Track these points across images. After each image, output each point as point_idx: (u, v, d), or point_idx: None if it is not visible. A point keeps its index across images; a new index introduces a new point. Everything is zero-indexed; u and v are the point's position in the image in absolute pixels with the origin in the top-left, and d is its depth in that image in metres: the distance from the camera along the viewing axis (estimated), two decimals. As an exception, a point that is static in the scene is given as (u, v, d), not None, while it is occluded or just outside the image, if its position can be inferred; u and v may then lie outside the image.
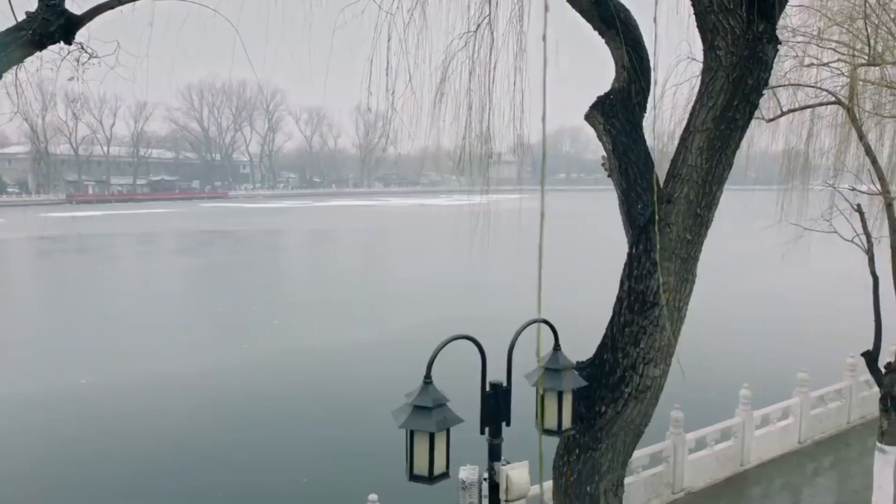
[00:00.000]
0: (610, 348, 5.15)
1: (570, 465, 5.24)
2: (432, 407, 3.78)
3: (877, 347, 8.92)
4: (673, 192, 4.91)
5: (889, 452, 8.90)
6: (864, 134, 9.28)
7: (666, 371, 5.13)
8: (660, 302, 4.98)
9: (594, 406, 5.13)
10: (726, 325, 25.88)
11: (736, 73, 4.59)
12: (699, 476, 10.36)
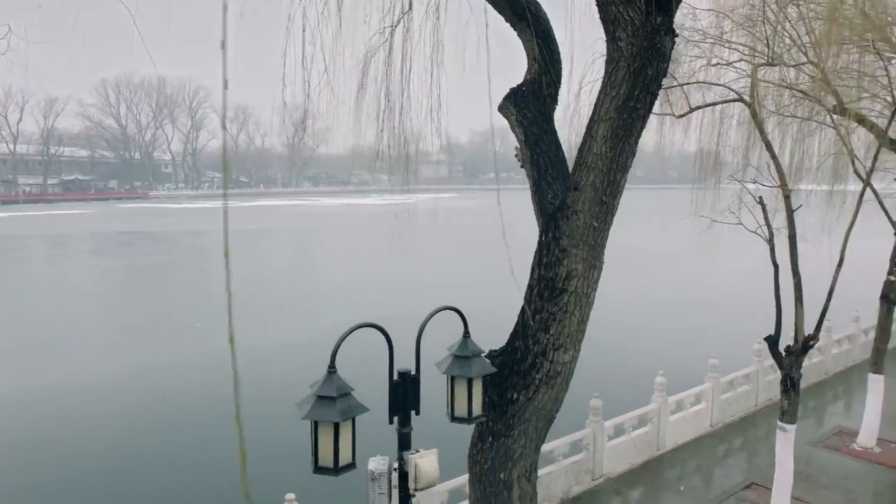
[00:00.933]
0: (521, 335, 5.21)
1: (483, 453, 5.27)
2: (336, 396, 3.70)
3: (777, 332, 9.41)
4: (579, 180, 5.01)
5: (789, 430, 9.42)
6: (765, 131, 9.78)
7: (576, 357, 5.23)
8: (569, 288, 5.06)
9: (506, 393, 5.17)
10: (643, 315, 26.93)
11: (636, 64, 4.71)
12: (618, 462, 10.66)
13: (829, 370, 15.88)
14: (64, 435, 14.67)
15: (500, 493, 5.24)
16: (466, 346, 4.50)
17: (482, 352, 4.62)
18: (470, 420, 4.55)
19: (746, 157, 11.88)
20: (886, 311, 11.68)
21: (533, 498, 5.42)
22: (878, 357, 11.83)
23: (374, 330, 4.24)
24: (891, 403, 14.09)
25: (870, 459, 11.38)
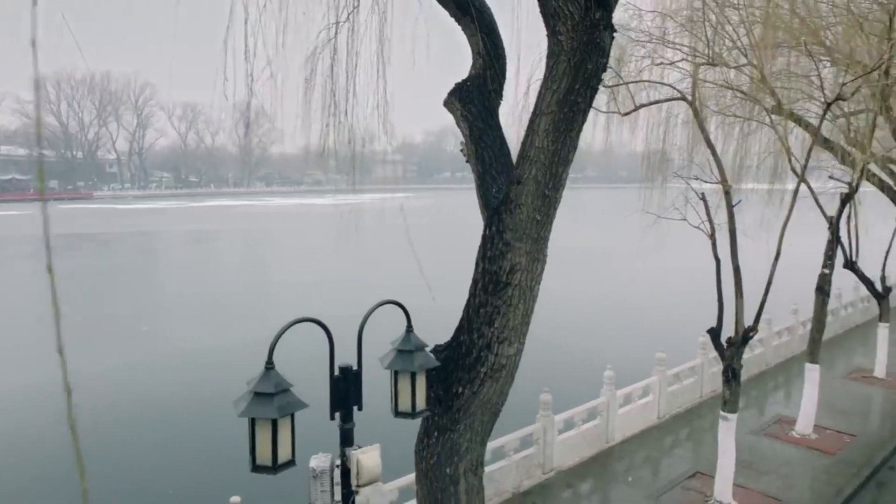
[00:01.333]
0: (466, 329, 5.20)
1: (429, 449, 5.24)
2: (274, 393, 3.62)
3: (719, 324, 9.68)
4: (522, 174, 5.03)
5: (730, 419, 9.70)
6: (706, 129, 10.05)
7: (520, 350, 5.25)
8: (513, 282, 5.08)
9: (451, 387, 5.15)
10: (592, 312, 27.49)
11: (577, 58, 4.76)
12: (568, 455, 10.79)
13: (770, 361, 16.45)
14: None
15: (447, 488, 5.23)
16: (409, 340, 4.47)
17: (425, 346, 4.59)
18: (414, 415, 4.52)
19: (690, 155, 12.20)
20: (821, 303, 12.16)
21: (480, 491, 5.43)
22: (814, 347, 12.31)
23: (321, 328, 4.17)
24: (826, 392, 14.70)
25: (807, 446, 11.83)
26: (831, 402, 14.30)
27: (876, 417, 13.39)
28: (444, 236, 40.77)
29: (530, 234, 5.04)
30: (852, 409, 13.84)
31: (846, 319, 20.39)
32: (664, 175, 12.39)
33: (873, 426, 12.85)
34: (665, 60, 11.10)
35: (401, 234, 5.84)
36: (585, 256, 42.27)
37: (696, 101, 9.80)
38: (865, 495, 10.39)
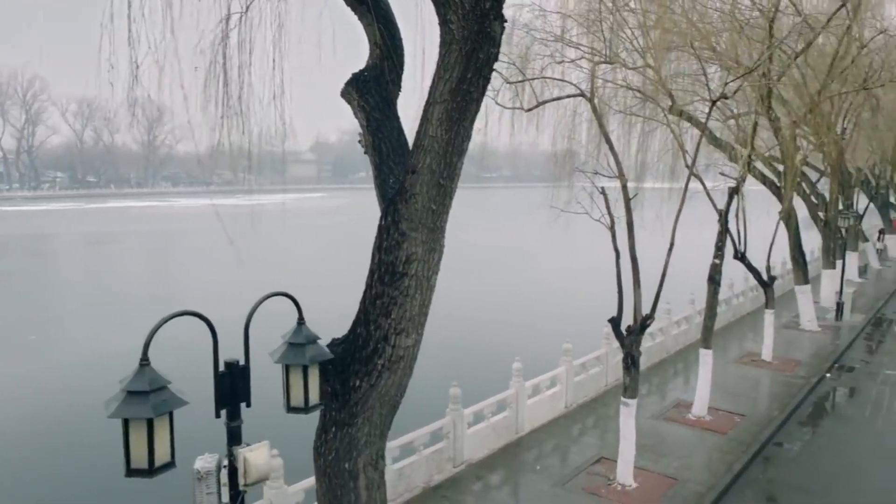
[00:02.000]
0: (363, 321, 5.12)
1: (327, 444, 5.13)
2: (150, 391, 3.41)
3: (619, 314, 10.03)
4: (417, 164, 5.00)
5: (630, 405, 10.08)
6: (605, 124, 10.39)
7: (418, 341, 5.21)
8: (409, 272, 5.04)
9: (348, 381, 5.06)
10: (502, 307, 28.05)
11: (468, 47, 4.77)
12: (479, 448, 10.89)
13: (670, 349, 17.26)
14: None
15: (346, 484, 5.13)
16: (300, 332, 4.34)
17: (318, 338, 4.48)
18: (307, 409, 4.39)
19: (594, 152, 12.56)
20: (713, 292, 12.85)
21: (381, 486, 5.35)
22: (707, 334, 13.01)
23: (205, 323, 3.97)
24: (720, 376, 15.57)
25: (702, 427, 12.48)
26: (724, 385, 15.16)
27: (763, 398, 14.31)
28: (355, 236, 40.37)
29: (426, 223, 5.03)
30: (742, 391, 14.74)
31: (738, 308, 21.71)
32: (570, 172, 12.74)
33: (761, 406, 13.73)
34: (566, 59, 11.40)
35: (312, 233, 5.74)
36: (497, 254, 43.13)
37: (595, 98, 10.11)
38: (753, 469, 11.07)
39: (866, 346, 19.36)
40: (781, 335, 19.44)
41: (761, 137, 20.53)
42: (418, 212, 4.98)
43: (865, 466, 11.32)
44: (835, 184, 22.97)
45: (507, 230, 52.28)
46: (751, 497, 10.21)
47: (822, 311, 22.18)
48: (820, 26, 16.23)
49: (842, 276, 22.09)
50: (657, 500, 9.62)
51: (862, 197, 33.17)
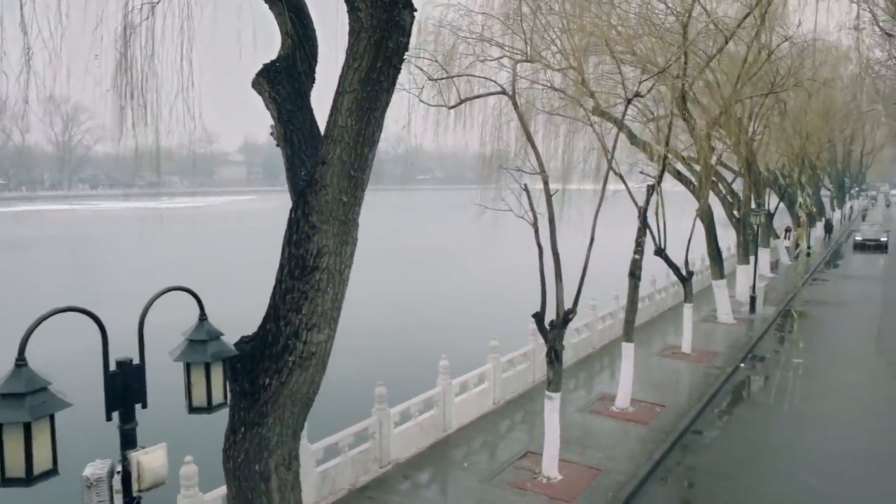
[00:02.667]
0: (273, 318, 4.97)
1: (236, 446, 4.94)
2: (26, 393, 3.16)
3: (543, 308, 10.17)
4: (327, 154, 4.89)
5: (554, 398, 10.24)
6: (527, 122, 10.52)
7: (331, 336, 5.10)
8: (321, 265, 4.92)
9: (258, 379, 4.89)
10: (429, 307, 28.17)
11: (377, 36, 4.70)
12: (406, 447, 10.81)
13: (595, 344, 17.67)
14: None
15: (258, 486, 4.96)
16: (202, 328, 4.15)
17: (220, 334, 4.29)
18: (210, 409, 4.20)
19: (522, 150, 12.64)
20: (634, 287, 13.23)
21: (295, 487, 5.20)
22: (629, 328, 13.38)
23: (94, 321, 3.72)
24: (643, 369, 16.05)
25: (625, 419, 12.82)
26: (647, 377, 15.64)
27: (683, 389, 14.84)
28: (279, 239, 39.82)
29: (337, 215, 4.92)
30: (663, 382, 15.25)
31: (660, 303, 22.48)
32: (495, 169, 12.84)
33: (680, 396, 14.23)
34: (490, 58, 11.50)
35: (236, 236, 5.51)
36: (425, 255, 43.31)
37: (518, 96, 10.22)
38: (673, 457, 11.45)
39: (777, 337, 20.43)
40: (700, 328, 20.26)
41: (680, 139, 21.40)
42: (329, 203, 4.87)
43: (776, 449, 11.90)
44: (747, 183, 24.15)
45: (437, 231, 52.52)
46: (670, 483, 10.55)
47: (738, 305, 23.27)
48: (730, 32, 17.02)
49: (754, 271, 23.22)
50: (581, 491, 9.80)
51: (774, 196, 35.08)
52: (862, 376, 16.37)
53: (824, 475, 10.78)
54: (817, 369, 16.89)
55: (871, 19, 22.38)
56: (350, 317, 23.47)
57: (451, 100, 10.91)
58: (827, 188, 62.22)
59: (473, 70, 11.79)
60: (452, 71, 11.49)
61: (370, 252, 38.83)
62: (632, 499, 9.86)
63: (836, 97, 32.93)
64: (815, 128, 32.21)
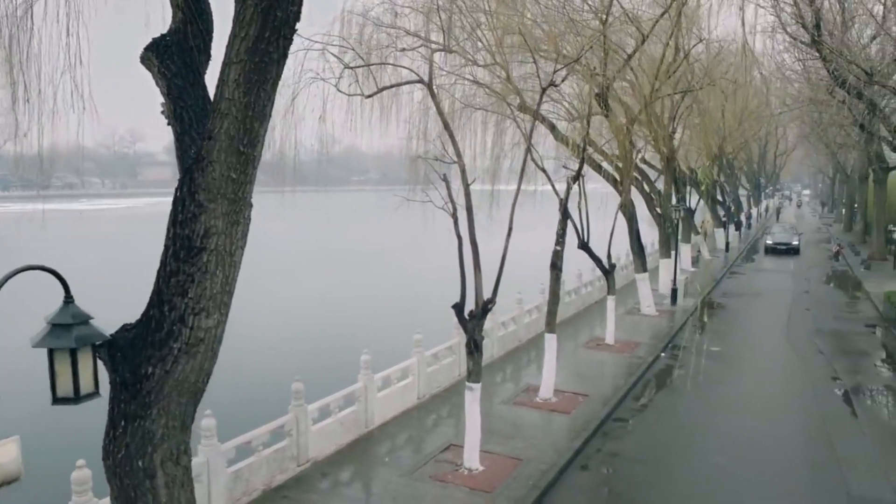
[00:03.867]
0: (156, 303, 4.64)
1: (116, 441, 4.59)
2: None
3: (462, 299, 10.10)
4: (213, 128, 4.62)
5: (475, 389, 10.19)
6: (448, 116, 10.44)
7: (222, 322, 4.82)
8: (208, 247, 4.64)
9: (140, 368, 4.56)
10: (353, 303, 27.91)
11: (264, 3, 4.47)
12: (325, 444, 10.53)
13: (522, 338, 17.81)
14: None
15: (142, 484, 4.63)
16: (66, 311, 3.82)
17: (89, 317, 3.97)
18: (77, 400, 3.88)
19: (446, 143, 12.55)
20: (555, 278, 13.38)
21: (186, 484, 4.89)
22: (551, 319, 13.52)
23: None
24: (568, 360, 16.29)
25: (548, 409, 12.94)
26: (571, 368, 15.89)
27: (605, 378, 15.11)
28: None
29: (226, 194, 4.66)
30: (587, 373, 15.51)
31: (586, 297, 22.91)
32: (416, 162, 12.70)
33: (602, 386, 14.48)
34: (407, 47, 11.38)
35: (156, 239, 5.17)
36: (351, 256, 42.93)
37: (434, 84, 10.11)
38: (594, 444, 11.61)
39: (696, 327, 21.17)
40: (624, 320, 20.77)
41: (603, 135, 21.91)
42: (216, 181, 4.60)
43: (691, 432, 12.27)
44: (668, 179, 24.96)
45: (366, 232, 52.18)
46: (590, 470, 10.69)
47: (661, 298, 24.00)
48: (647, 31, 17.51)
49: (675, 264, 24.01)
50: (502, 481, 9.78)
51: (695, 194, 36.47)
52: (773, 362, 17.13)
53: (735, 456, 11.17)
54: (732, 356, 17.57)
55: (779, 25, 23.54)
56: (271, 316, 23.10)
57: (368, 89, 10.70)
58: (744, 187, 65.32)
59: (392, 60, 11.65)
60: (371, 59, 11.31)
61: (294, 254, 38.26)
62: (552, 487, 9.93)
63: (750, 100, 34.58)
64: (731, 128, 33.70)
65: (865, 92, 19.92)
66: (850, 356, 17.59)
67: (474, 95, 16.80)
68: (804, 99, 31.66)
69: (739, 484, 10.14)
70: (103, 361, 4.68)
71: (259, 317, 27.01)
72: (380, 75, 11.50)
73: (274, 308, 28.04)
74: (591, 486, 10.13)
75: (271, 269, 40.32)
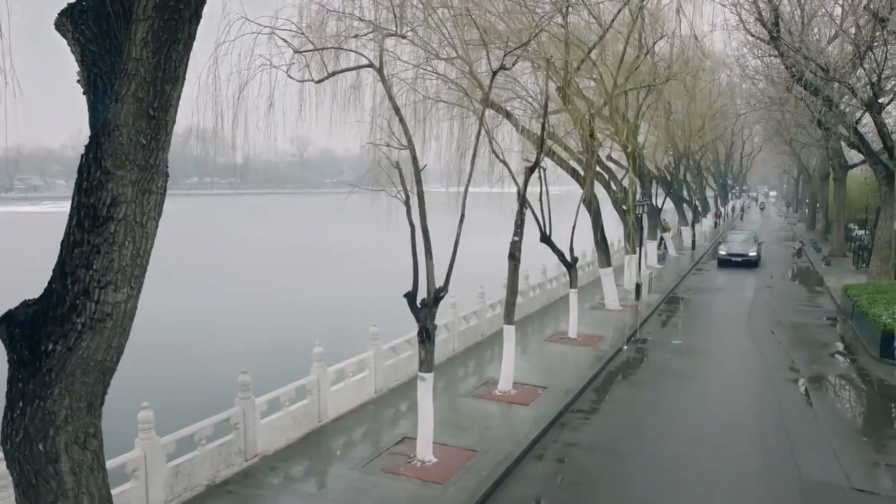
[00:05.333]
0: (59, 276, 4.37)
1: (14, 424, 4.31)
2: None
3: (415, 288, 9.90)
4: (121, 90, 4.37)
5: (427, 379, 10.00)
6: (393, 95, 10.24)
7: (133, 297, 4.55)
8: (115, 216, 4.39)
9: (40, 345, 4.29)
10: (309, 296, 27.61)
11: (174, -43, 4.25)
12: (275, 438, 10.25)
13: (485, 332, 17.67)
14: None
15: (44, 469, 4.35)
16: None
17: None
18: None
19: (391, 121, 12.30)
20: (513, 269, 13.25)
21: (95, 469, 4.61)
22: (509, 309, 13.40)
23: None
24: (530, 354, 16.19)
25: (507, 401, 12.80)
26: (532, 362, 15.81)
27: (566, 371, 15.02)
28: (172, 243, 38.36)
29: (135, 160, 4.41)
30: (547, 366, 15.43)
31: (552, 293, 22.89)
32: (365, 149, 12.47)
33: (563, 378, 14.38)
34: (360, 33, 11.17)
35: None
36: (315, 255, 42.67)
37: (384, 68, 9.91)
38: (551, 435, 11.50)
39: (660, 321, 21.26)
40: (588, 315, 20.78)
41: (567, 131, 21.93)
42: (124, 146, 4.35)
43: (650, 422, 12.23)
44: (633, 176, 25.09)
45: (333, 232, 51.91)
46: (546, 459, 10.55)
47: (626, 293, 24.09)
48: (608, 24, 17.53)
49: (639, 260, 24.11)
50: (455, 472, 9.60)
51: (662, 193, 36.78)
52: (732, 354, 17.25)
53: (691, 443, 11.15)
54: (694, 349, 17.65)
55: (739, 22, 23.81)
56: (228, 312, 22.52)
57: (318, 74, 10.47)
58: (711, 187, 66.26)
59: (345, 47, 11.43)
60: (324, 47, 11.07)
61: (260, 254, 37.48)
62: (506, 477, 9.77)
63: (713, 101, 35.04)
64: (695, 127, 34.08)
65: (822, 88, 20.22)
66: (808, 347, 17.80)
67: (438, 92, 16.69)
68: (766, 98, 32.15)
69: (693, 469, 10.11)
70: (1, 340, 4.40)
71: (215, 313, 26.60)
72: (335, 64, 11.28)
73: (231, 305, 27.64)
74: (546, 476, 10.00)
75: (235, 267, 39.85)
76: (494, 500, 9.18)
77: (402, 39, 10.96)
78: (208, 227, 70.30)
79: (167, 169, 4.74)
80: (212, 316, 26.06)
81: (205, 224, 73.78)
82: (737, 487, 9.58)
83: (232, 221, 79.18)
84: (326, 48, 10.52)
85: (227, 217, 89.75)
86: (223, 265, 41.30)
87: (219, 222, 78.89)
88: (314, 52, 10.26)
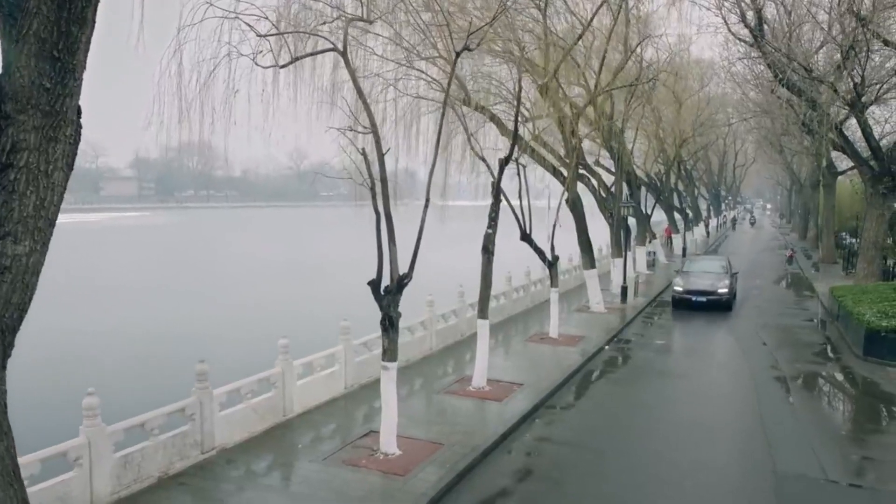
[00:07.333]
0: (-46, 225, 4.13)
1: None
2: None
3: (379, 276, 9.64)
4: (21, 28, 4.15)
5: (390, 368, 9.73)
6: (357, 78, 10.06)
7: (36, 250, 4.30)
8: (17, 163, 4.15)
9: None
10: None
11: None
12: (235, 431, 9.93)
13: (464, 332, 17.36)
14: None
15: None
16: None
17: None
18: None
19: (357, 107, 12.07)
20: (487, 262, 13.00)
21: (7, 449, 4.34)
22: (483, 304, 13.14)
23: None
24: (510, 353, 15.90)
25: (480, 397, 12.50)
26: (510, 360, 15.56)
27: (544, 369, 14.72)
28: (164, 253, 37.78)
29: (38, 105, 4.18)
30: (525, 364, 15.15)
31: (536, 295, 22.62)
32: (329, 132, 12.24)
33: (540, 376, 14.07)
34: (329, 18, 11.01)
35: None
36: (302, 265, 42.48)
37: (348, 52, 9.72)
38: (522, 429, 11.19)
39: (644, 323, 21.00)
40: (572, 317, 20.55)
41: (551, 132, 21.80)
42: (25, 89, 4.12)
43: (625, 419, 11.94)
44: (619, 178, 24.96)
45: (324, 242, 51.85)
46: (515, 453, 10.24)
47: (612, 297, 23.84)
48: (588, 22, 17.43)
49: (624, 263, 23.90)
50: (418, 465, 9.29)
51: (651, 200, 36.66)
52: (716, 354, 17.01)
53: (665, 439, 10.87)
54: (677, 349, 17.40)
55: (723, 25, 23.76)
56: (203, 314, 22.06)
57: (282, 58, 10.27)
58: (704, 197, 66.25)
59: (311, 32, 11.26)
60: (290, 34, 10.91)
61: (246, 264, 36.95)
62: (471, 470, 9.46)
63: (704, 107, 35.03)
64: (686, 135, 34.04)
65: (806, 89, 20.12)
66: (792, 348, 17.54)
67: (415, 87, 16.55)
68: (755, 106, 32.13)
69: (666, 463, 9.82)
70: None
71: (191, 314, 26.35)
72: (302, 49, 11.11)
73: (208, 307, 27.35)
74: (513, 469, 9.68)
75: (215, 275, 39.67)
76: (458, 492, 8.86)
77: (370, 26, 10.79)
78: (205, 239, 70.31)
79: (79, 119, 4.52)
80: (186, 314, 25.80)
81: (203, 236, 73.95)
82: (709, 480, 9.29)
83: (224, 231, 79.18)
84: (290, 32, 10.35)
85: (221, 228, 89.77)
86: (212, 274, 41.08)
87: (213, 233, 78.96)
88: (279, 35, 10.06)
